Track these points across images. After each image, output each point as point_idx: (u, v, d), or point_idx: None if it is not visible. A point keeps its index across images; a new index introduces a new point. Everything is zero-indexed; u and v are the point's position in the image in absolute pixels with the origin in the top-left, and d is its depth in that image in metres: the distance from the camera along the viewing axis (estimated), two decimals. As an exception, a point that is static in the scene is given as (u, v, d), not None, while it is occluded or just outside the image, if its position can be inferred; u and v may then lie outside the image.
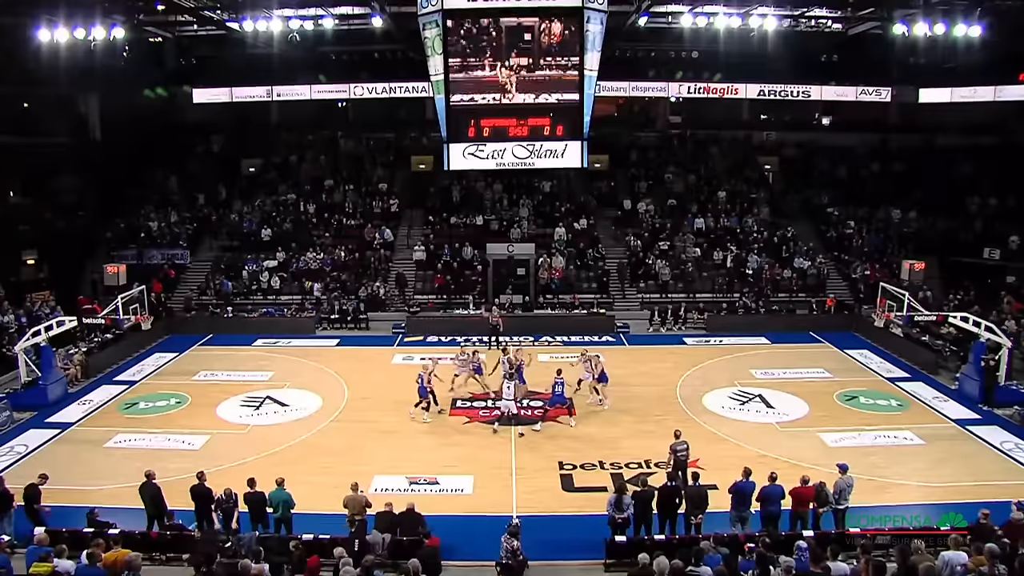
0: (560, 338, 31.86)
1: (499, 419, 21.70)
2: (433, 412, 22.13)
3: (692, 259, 37.46)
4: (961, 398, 24.56)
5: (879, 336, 31.36)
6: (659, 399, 24.11)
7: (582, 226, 39.27)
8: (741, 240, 38.69)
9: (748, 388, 25.07)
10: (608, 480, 18.02)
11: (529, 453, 19.91)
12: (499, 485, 18.05)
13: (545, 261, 36.12)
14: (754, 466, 15.68)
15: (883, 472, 18.75)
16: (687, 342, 31.58)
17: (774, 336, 32.48)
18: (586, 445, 20.43)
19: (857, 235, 39.18)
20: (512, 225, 38.29)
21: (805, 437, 21.16)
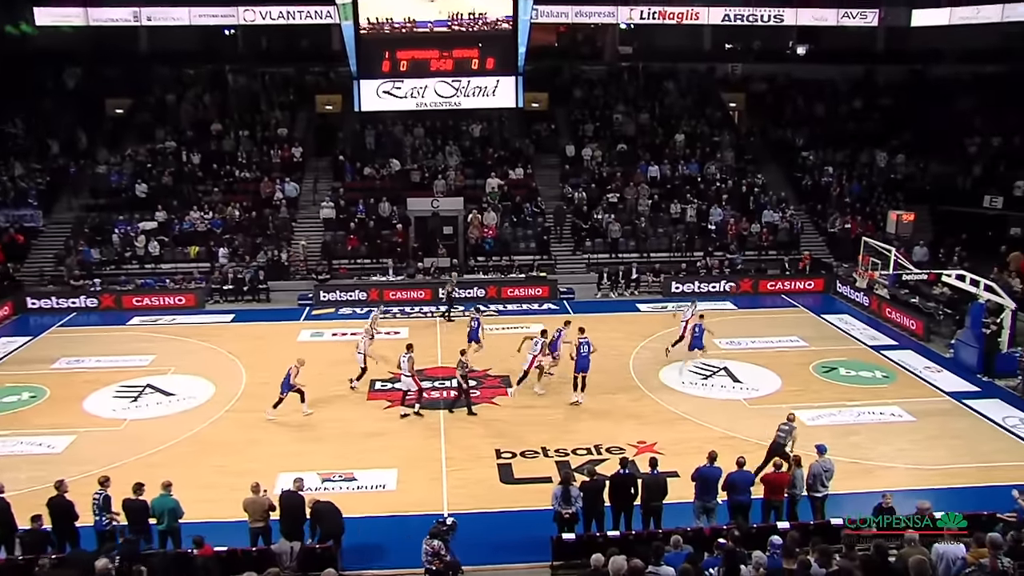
0: (494, 306, 31.94)
1: (417, 401, 21.84)
2: (298, 409, 21.79)
3: (645, 213, 37.84)
4: (957, 368, 25.27)
5: (862, 298, 32.21)
6: (609, 374, 24.30)
7: (518, 176, 39.25)
8: (702, 190, 39.17)
9: (711, 360, 25.41)
10: (553, 469, 18.13)
11: (461, 441, 19.96)
12: (426, 479, 18.06)
13: (476, 218, 36.08)
14: (719, 449, 15.89)
15: (867, 454, 19.22)
16: (641, 308, 31.93)
17: (741, 300, 33.10)
18: (526, 430, 20.56)
19: (836, 183, 40.00)
20: (437, 176, 38.10)
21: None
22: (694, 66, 45.52)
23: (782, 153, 42.29)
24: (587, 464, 18.17)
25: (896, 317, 29.86)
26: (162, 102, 41.81)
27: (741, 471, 15.15)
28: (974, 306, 25.44)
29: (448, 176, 38.18)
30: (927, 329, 28.36)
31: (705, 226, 37.35)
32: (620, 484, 15.22)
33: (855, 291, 32.63)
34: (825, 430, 20.34)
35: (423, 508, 16.64)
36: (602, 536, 14.23)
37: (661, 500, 15.18)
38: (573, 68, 45.04)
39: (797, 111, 44.19)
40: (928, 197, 39.19)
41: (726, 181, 39.66)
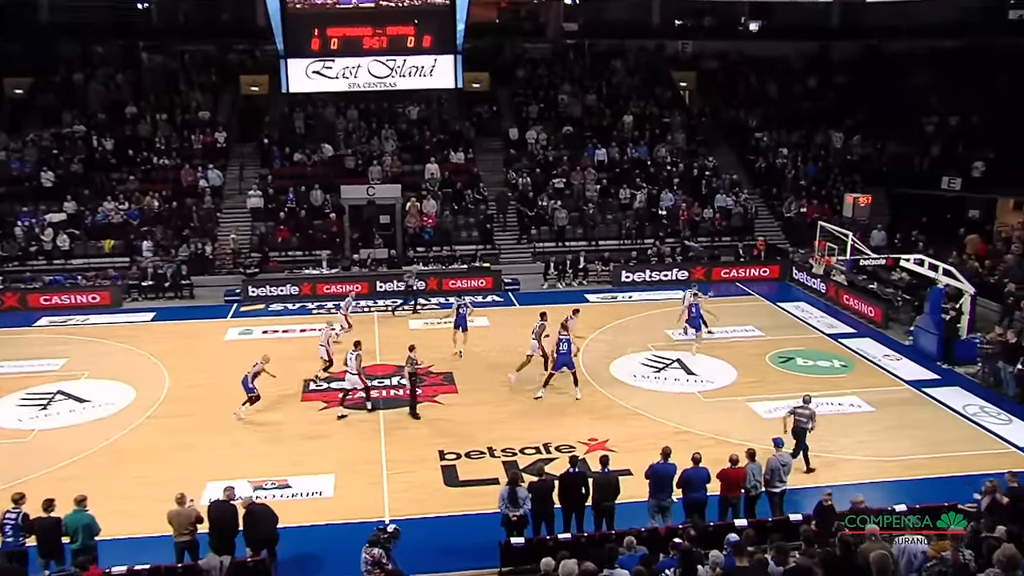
0: (435, 300, 31.96)
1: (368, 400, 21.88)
2: (251, 409, 21.77)
3: (593, 199, 38.10)
4: (916, 355, 25.88)
5: (818, 285, 32.82)
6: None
7: (459, 161, 39.27)
8: (652, 174, 39.57)
9: (664, 352, 25.72)
10: (500, 470, 18.19)
11: (402, 443, 19.96)
12: (366, 483, 18.03)
13: (414, 206, 36.01)
14: (673, 445, 16.07)
15: (826, 446, 19.55)
16: (590, 299, 32.20)
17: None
18: (471, 429, 20.63)
19: (791, 165, 40.71)
20: (372, 162, 37.94)
21: (733, 408, 21.91)
22: (643, 43, 45.91)
23: (735, 134, 42.87)
24: (536, 464, 18.26)
25: (854, 304, 30.48)
26: (68, 82, 40.87)
27: (696, 467, 15.31)
28: (933, 291, 26.04)
29: (384, 162, 37.99)
30: (886, 316, 28.99)
31: (656, 212, 37.71)
32: (570, 484, 15.31)
33: (812, 277, 33.23)
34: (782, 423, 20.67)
35: (363, 515, 16.59)
36: (552, 539, 14.31)
37: (613, 500, 15.30)
38: (515, 46, 45.14)
39: (750, 90, 44.80)
40: (885, 179, 40.00)
41: (677, 164, 40.06)
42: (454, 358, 25.38)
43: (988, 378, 23.67)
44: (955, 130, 40.65)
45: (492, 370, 24.52)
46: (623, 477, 16.06)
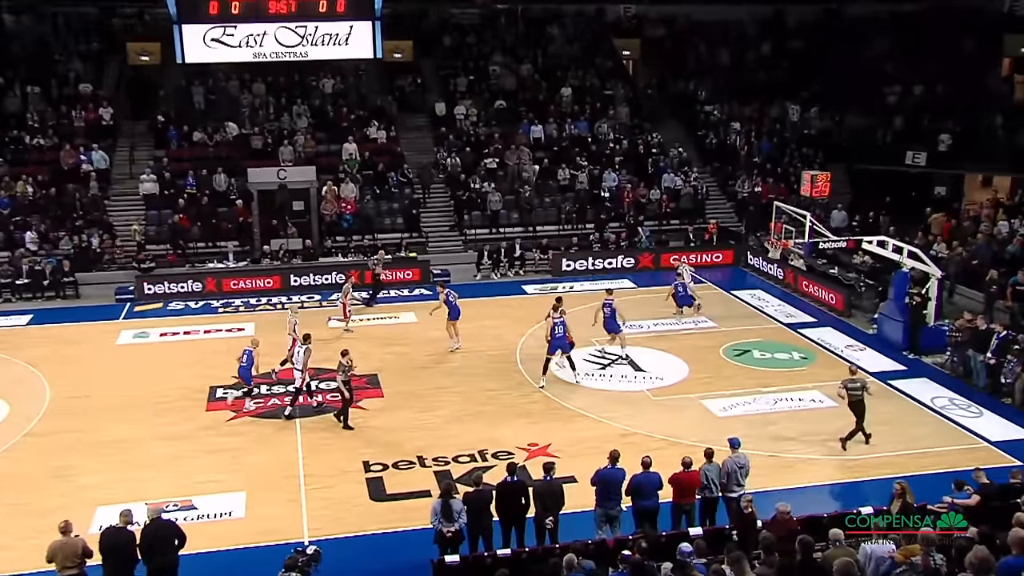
0: (359, 295, 31.82)
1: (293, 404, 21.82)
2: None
3: (530, 180, 38.23)
4: (881, 345, 26.43)
5: (775, 271, 33.32)
6: (493, 368, 24.64)
7: (380, 140, 39.11)
8: (594, 153, 39.80)
9: (609, 347, 25.91)
10: (431, 481, 18.24)
11: (322, 453, 19.85)
12: (283, 501, 17.89)
13: (331, 190, 35.81)
14: (622, 448, 16.13)
15: (787, 446, 19.92)
16: (527, 290, 32.38)
17: (640, 277, 33.87)
18: (399, 436, 20.60)
19: (744, 141, 41.26)
20: (283, 142, 37.59)
21: (685, 406, 22.15)
22: (581, 8, 46.08)
23: (683, 108, 43.27)
24: (471, 473, 18.14)
25: (814, 291, 31.00)
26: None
27: (647, 472, 15.42)
28: (898, 276, 26.55)
29: (296, 142, 37.68)
30: (848, 303, 29.53)
31: (598, 194, 37.96)
32: (509, 494, 15.36)
33: (768, 263, 33.72)
34: (739, 421, 21.01)
35: (279, 536, 16.45)
36: (490, 555, 14.34)
37: (557, 510, 15.41)
38: (441, 12, 44.96)
39: (699, 59, 45.26)
40: (845, 154, 40.73)
41: (620, 141, 40.34)
42: (448, 355, 25.60)
43: (957, 368, 24.22)
44: (919, 101, 41.52)
45: (420, 371, 24.51)
46: (567, 485, 16.14)
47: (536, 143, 39.80)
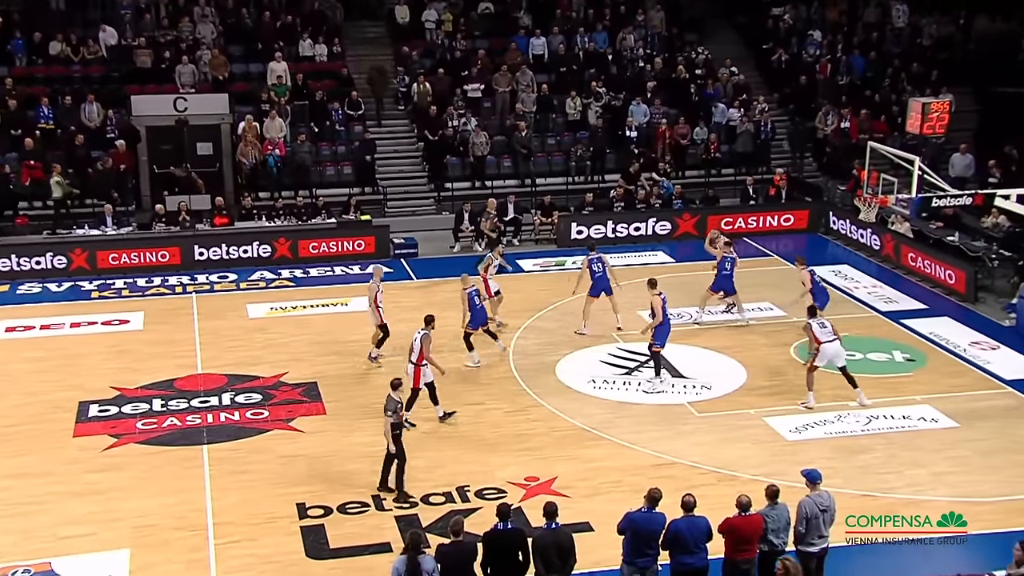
0: (285, 272, 31.89)
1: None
2: None
3: (528, 115, 37.97)
4: (1020, 341, 26.17)
5: (869, 238, 33.06)
6: (478, 375, 24.59)
7: (320, 58, 38.95)
8: (615, 76, 39.53)
9: (635, 345, 25.70)
10: (392, 531, 18.13)
11: (240, 492, 19.61)
12: (182, 559, 17.69)
13: (251, 127, 35.61)
14: (654, 483, 15.98)
15: (887, 482, 19.67)
16: (524, 267, 32.18)
17: (681, 248, 33.66)
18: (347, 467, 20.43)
19: (827, 56, 40.92)
20: (181, 58, 37.27)
21: (743, 426, 21.94)
22: None
23: (740, 10, 43.09)
24: (447, 519, 17.97)
25: (924, 266, 30.73)
26: None
27: (690, 517, 15.25)
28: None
29: (200, 59, 37.47)
30: (973, 283, 29.21)
31: (621, 133, 37.73)
32: (500, 547, 15.23)
33: (859, 227, 33.48)
34: (818, 447, 20.81)
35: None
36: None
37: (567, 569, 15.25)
38: None
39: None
40: (973, 72, 40.54)
41: (653, 59, 40.12)
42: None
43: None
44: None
45: (377, 377, 24.31)
46: (579, 534, 15.97)
47: (536, 62, 39.59)
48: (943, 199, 29.64)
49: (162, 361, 23.91)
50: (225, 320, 28.18)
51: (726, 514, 15.47)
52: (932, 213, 31.28)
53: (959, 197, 29.69)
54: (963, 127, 37.65)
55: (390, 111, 38.81)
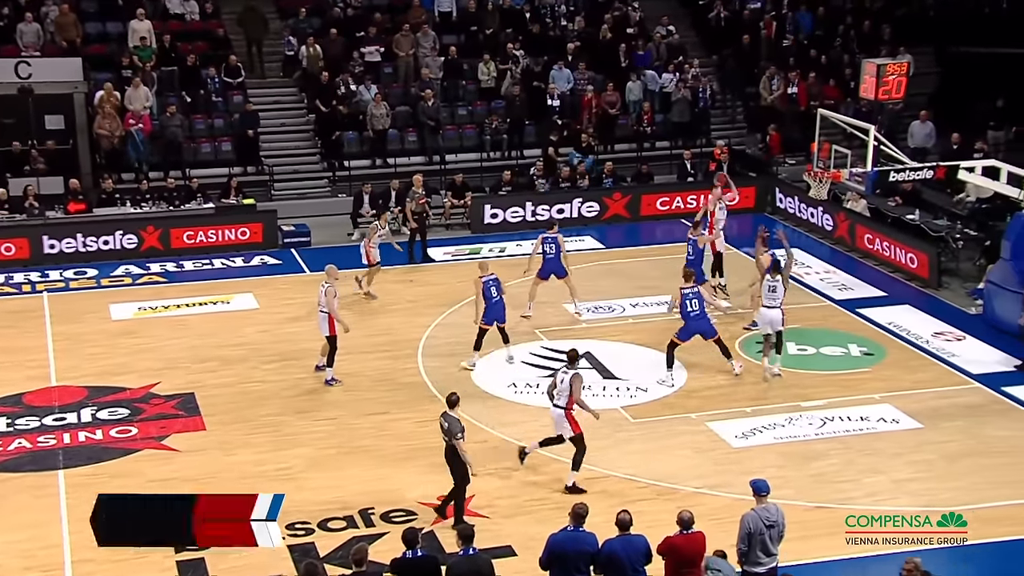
0: (155, 266, 31.67)
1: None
2: None
3: (435, 82, 38.02)
4: (988, 331, 26.56)
5: (820, 217, 33.45)
6: (381, 380, 24.54)
7: (191, 16, 38.72)
8: (535, 36, 39.55)
9: (561, 342, 25.74)
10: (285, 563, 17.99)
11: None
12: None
13: (110, 97, 35.22)
14: (589, 500, 16.00)
15: (843, 492, 19.87)
16: (433, 255, 32.27)
17: (610, 232, 34.06)
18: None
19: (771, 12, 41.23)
20: (24, 16, 36.66)
21: (683, 432, 22.09)
22: None
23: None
24: (348, 547, 17.97)
25: (882, 248, 31.17)
26: None
27: (625, 536, 15.28)
28: (1016, 221, 26.61)
29: (47, 16, 37.05)
30: (936, 267, 29.55)
31: (543, 102, 37.81)
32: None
33: (809, 206, 33.86)
34: (767, 454, 21.03)
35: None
36: None
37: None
38: None
39: None
40: (932, 30, 41.07)
41: (576, 17, 40.27)
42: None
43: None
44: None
45: (265, 387, 24.33)
46: (500, 560, 16.07)
47: (444, 21, 39.70)
48: (901, 173, 29.93)
49: (8, 373, 23.73)
50: (84, 323, 27.87)
51: (666, 532, 15.47)
52: (889, 189, 31.62)
53: (919, 170, 29.99)
54: (922, 91, 38.10)
55: (274, 78, 38.67)
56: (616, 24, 40.12)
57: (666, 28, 40.42)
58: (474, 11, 39.99)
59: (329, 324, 23.77)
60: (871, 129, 29.04)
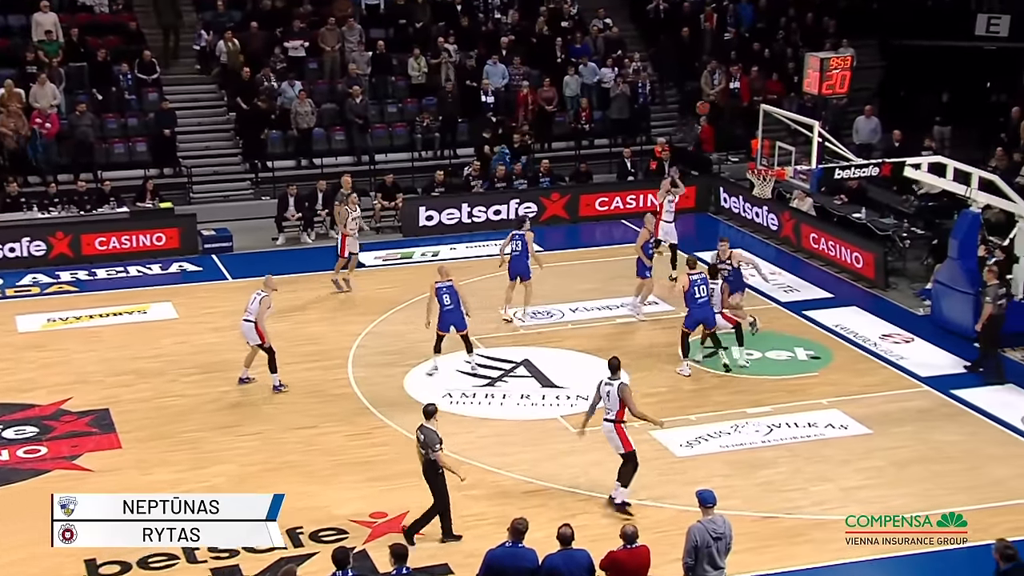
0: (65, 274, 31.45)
1: None
2: None
3: (362, 78, 37.96)
4: (937, 333, 26.86)
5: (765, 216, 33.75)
6: (309, 392, 24.53)
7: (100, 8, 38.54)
8: (467, 29, 39.62)
9: (498, 350, 26.04)
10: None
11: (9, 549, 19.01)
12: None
13: (12, 94, 34.79)
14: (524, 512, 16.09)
15: (791, 501, 20.06)
16: (364, 260, 32.14)
17: (551, 234, 33.94)
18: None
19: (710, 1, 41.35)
20: None
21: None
22: None
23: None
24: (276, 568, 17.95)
25: (827, 248, 31.42)
26: None
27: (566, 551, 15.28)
28: (963, 219, 26.83)
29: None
30: (882, 267, 29.84)
31: (478, 99, 37.89)
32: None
33: (753, 205, 34.08)
34: (713, 463, 21.18)
35: None
36: None
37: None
38: None
39: None
40: (877, 23, 41.36)
41: (509, 9, 40.44)
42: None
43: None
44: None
45: (185, 400, 24.21)
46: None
47: (371, 14, 39.72)
48: (847, 170, 30.12)
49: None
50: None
51: (609, 547, 15.55)
52: (835, 186, 31.86)
53: (865, 168, 30.19)
54: (868, 85, 38.48)
55: (191, 74, 38.51)
56: (552, 17, 40.26)
57: (603, 21, 40.58)
58: (403, 3, 39.99)
59: (257, 332, 23.70)
60: (815, 125, 29.18)
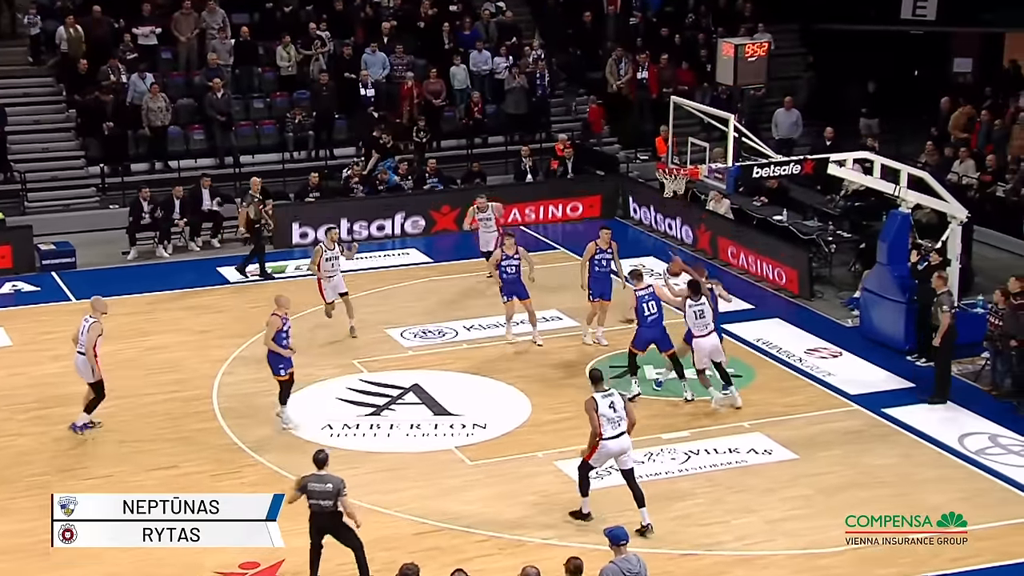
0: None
1: None
2: None
3: (224, 70, 38.06)
4: (866, 346, 27.29)
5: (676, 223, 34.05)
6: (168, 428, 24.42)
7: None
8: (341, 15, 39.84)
9: (384, 374, 26.20)
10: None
11: None
12: None
13: None
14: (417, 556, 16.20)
15: (712, 536, 20.23)
16: (229, 277, 32.39)
17: (438, 244, 34.42)
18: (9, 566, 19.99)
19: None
20: None
21: (528, 474, 22.38)
22: None
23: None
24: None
25: (744, 257, 31.84)
26: None
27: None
28: (892, 220, 27.31)
29: None
30: (806, 275, 30.20)
31: (356, 93, 38.04)
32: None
33: (664, 216, 34.43)
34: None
35: None
36: None
37: None
38: None
39: None
40: (796, 7, 41.94)
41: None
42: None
43: (1003, 380, 25.06)
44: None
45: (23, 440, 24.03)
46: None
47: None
48: (766, 168, 30.46)
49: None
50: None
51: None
52: (754, 186, 32.25)
53: (785, 165, 30.53)
54: (787, 74, 39.03)
55: (24, 66, 38.38)
56: (437, 0, 40.36)
57: (495, 5, 40.87)
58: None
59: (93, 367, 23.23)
60: (730, 119, 29.45)
